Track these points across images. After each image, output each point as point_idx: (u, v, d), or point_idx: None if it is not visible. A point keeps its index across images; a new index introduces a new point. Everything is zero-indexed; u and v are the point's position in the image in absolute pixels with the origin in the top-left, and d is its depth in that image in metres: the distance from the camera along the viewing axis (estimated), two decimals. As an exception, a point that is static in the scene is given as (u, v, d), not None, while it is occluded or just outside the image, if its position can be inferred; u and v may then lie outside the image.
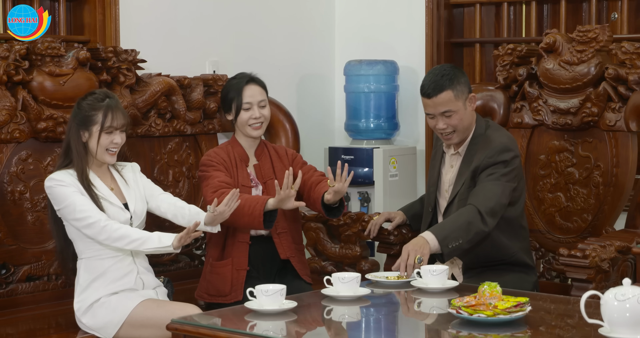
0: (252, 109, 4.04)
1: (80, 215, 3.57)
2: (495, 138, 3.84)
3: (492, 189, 3.74)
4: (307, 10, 5.48)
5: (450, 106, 3.76)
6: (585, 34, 4.21)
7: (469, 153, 3.85)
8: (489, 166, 3.77)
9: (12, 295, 3.93)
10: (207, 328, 3.04)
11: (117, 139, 3.68)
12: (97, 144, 3.65)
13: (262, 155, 4.12)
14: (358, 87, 5.23)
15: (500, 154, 3.78)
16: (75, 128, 3.66)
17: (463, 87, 3.79)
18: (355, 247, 4.49)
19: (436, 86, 3.75)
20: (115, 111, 3.66)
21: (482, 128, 3.88)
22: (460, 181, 3.84)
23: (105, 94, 3.71)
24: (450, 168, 3.91)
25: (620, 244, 3.84)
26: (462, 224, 3.65)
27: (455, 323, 2.99)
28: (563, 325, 3.09)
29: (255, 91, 4.07)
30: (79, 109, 3.68)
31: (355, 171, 5.09)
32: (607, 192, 4.18)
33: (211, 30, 4.96)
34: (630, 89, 4.12)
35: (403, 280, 3.56)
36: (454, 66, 3.94)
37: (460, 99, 3.78)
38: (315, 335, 3.11)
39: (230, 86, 4.10)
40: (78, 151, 3.66)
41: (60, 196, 3.60)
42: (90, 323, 3.63)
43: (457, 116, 3.78)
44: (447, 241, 3.62)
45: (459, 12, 5.35)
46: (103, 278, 3.64)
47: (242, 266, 3.97)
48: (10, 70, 3.90)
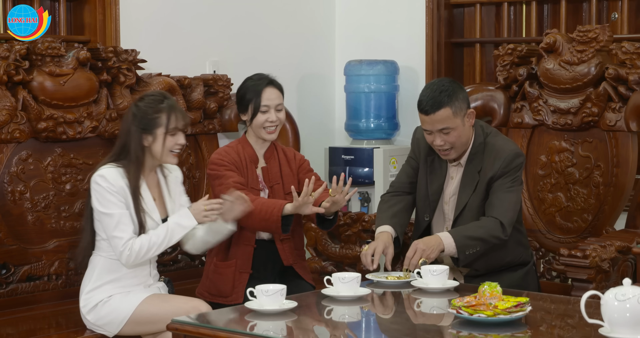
0: (269, 112, 3.98)
1: (115, 232, 3.52)
2: (501, 145, 3.77)
3: (510, 200, 3.71)
4: (308, 10, 5.48)
5: (449, 123, 3.66)
6: (586, 34, 4.21)
7: (470, 162, 3.79)
8: (503, 175, 3.73)
9: (12, 295, 3.93)
10: (207, 328, 3.03)
11: (181, 140, 3.64)
12: (162, 146, 3.60)
13: (271, 158, 4.07)
14: (358, 87, 5.23)
15: (513, 161, 3.73)
16: (138, 132, 3.58)
17: (461, 104, 3.68)
18: (356, 247, 4.49)
19: (434, 103, 3.64)
20: (178, 111, 3.62)
21: (481, 135, 3.79)
22: (466, 191, 3.78)
23: (163, 95, 3.66)
24: (450, 180, 3.86)
25: (620, 244, 3.84)
26: (484, 236, 3.64)
27: (455, 323, 2.99)
28: (563, 325, 3.09)
29: (274, 94, 4.02)
30: (138, 111, 3.60)
31: (355, 171, 5.11)
32: (607, 192, 4.18)
33: (211, 30, 4.96)
34: (631, 89, 4.12)
35: (403, 280, 3.56)
36: (453, 80, 3.83)
37: (459, 116, 3.67)
38: (315, 335, 3.11)
39: (249, 86, 4.03)
40: (137, 156, 3.59)
41: (106, 203, 3.54)
42: (95, 320, 3.63)
43: (455, 133, 3.68)
44: (465, 248, 3.61)
45: (459, 12, 5.35)
46: (117, 282, 3.63)
47: (245, 269, 3.96)
48: (10, 70, 3.90)
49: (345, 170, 5.13)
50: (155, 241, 3.55)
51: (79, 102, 4.11)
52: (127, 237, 3.52)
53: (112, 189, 3.53)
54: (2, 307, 3.87)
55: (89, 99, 4.14)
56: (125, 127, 3.64)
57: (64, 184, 4.10)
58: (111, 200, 3.53)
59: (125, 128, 3.64)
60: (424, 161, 3.90)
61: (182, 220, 3.58)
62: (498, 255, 3.79)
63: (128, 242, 3.52)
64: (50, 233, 4.06)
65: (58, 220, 4.09)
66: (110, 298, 3.61)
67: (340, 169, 5.15)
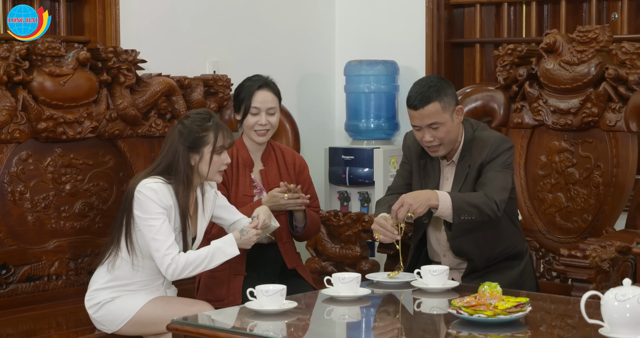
0: (259, 114, 3.96)
1: (164, 246, 3.47)
2: (488, 135, 3.80)
3: (500, 178, 3.70)
4: (308, 10, 5.48)
5: (437, 118, 3.69)
6: (586, 34, 4.21)
7: (462, 159, 3.80)
8: (492, 160, 3.74)
9: (12, 295, 3.93)
10: (207, 328, 3.04)
11: (227, 159, 3.61)
12: (208, 165, 3.57)
13: (269, 160, 4.06)
14: (358, 87, 5.23)
15: (500, 145, 3.75)
16: (185, 151, 3.54)
17: (450, 99, 3.72)
18: (356, 247, 4.49)
19: (423, 98, 3.68)
20: (224, 129, 3.59)
21: (470, 131, 3.82)
22: (457, 185, 3.78)
23: (209, 113, 3.63)
24: (445, 180, 3.85)
25: (620, 244, 3.84)
26: (479, 205, 3.62)
27: (455, 323, 2.99)
28: (563, 325, 3.09)
29: (267, 97, 3.99)
30: (184, 129, 3.56)
31: (355, 171, 5.11)
32: (607, 192, 4.18)
33: (211, 30, 4.96)
34: (631, 89, 4.12)
35: (403, 280, 3.56)
36: (441, 77, 3.88)
37: (447, 111, 3.71)
38: (315, 335, 3.11)
39: (243, 86, 4.03)
40: (187, 176, 3.55)
41: (156, 215, 3.49)
42: (97, 316, 3.63)
43: (444, 128, 3.70)
44: (460, 211, 3.59)
45: (459, 12, 5.35)
46: (128, 286, 3.61)
47: (239, 271, 3.95)
48: (10, 70, 3.89)
49: (346, 170, 5.14)
50: (194, 261, 3.50)
51: (79, 103, 4.11)
52: (175, 252, 3.49)
53: (161, 205, 3.50)
54: (2, 307, 3.87)
55: (89, 99, 4.14)
56: (171, 146, 3.57)
57: (64, 185, 4.10)
58: (162, 212, 3.50)
59: (171, 146, 3.57)
60: (416, 165, 3.92)
61: (226, 247, 3.54)
62: (491, 242, 3.78)
63: (176, 257, 3.48)
64: (50, 233, 4.06)
65: (58, 220, 4.09)
66: (116, 298, 3.61)
67: (341, 170, 5.15)
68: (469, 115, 4.49)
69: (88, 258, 4.15)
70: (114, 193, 4.25)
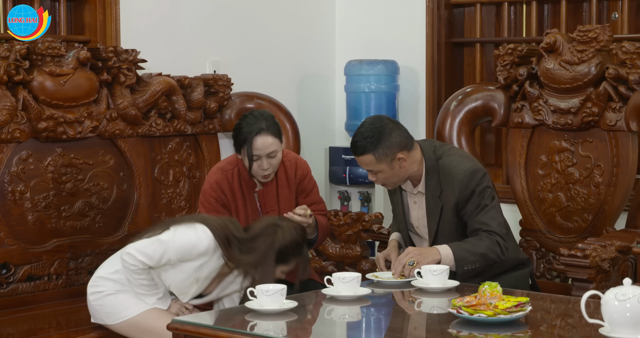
0: (260, 160, 3.83)
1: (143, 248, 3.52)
2: (453, 167, 3.68)
3: (496, 217, 3.66)
4: (308, 10, 5.48)
5: (372, 167, 3.64)
6: (586, 34, 4.20)
7: (429, 189, 3.72)
8: (469, 199, 3.65)
9: (13, 294, 3.93)
10: (208, 328, 3.03)
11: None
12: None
13: (268, 181, 3.94)
14: (358, 87, 5.23)
15: (470, 180, 3.65)
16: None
17: (387, 150, 3.60)
18: (356, 247, 4.49)
19: (357, 148, 3.62)
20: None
21: (432, 160, 3.71)
22: (433, 218, 3.73)
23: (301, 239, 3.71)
24: (414, 204, 3.80)
25: (620, 244, 3.84)
26: (484, 252, 3.60)
27: (455, 323, 2.99)
28: (563, 325, 3.09)
29: (266, 142, 3.81)
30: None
31: (356, 171, 5.11)
32: (607, 192, 4.18)
33: (212, 30, 4.96)
34: (631, 89, 4.12)
35: (403, 280, 3.56)
36: (389, 119, 3.69)
37: (384, 161, 3.61)
38: (315, 335, 3.11)
39: (242, 129, 3.84)
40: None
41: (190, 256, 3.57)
42: (96, 304, 3.61)
43: (382, 175, 3.66)
44: (463, 262, 3.58)
45: (459, 12, 5.35)
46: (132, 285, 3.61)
47: None
48: (10, 70, 3.90)
49: (346, 170, 5.14)
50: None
51: (79, 102, 4.11)
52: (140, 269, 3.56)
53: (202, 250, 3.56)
54: (2, 307, 3.87)
55: (89, 99, 4.14)
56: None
57: (64, 184, 4.10)
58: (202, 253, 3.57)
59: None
60: (386, 190, 3.97)
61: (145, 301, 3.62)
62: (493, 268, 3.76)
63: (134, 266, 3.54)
64: (50, 233, 4.06)
65: (58, 219, 4.09)
66: (120, 293, 3.59)
67: (341, 169, 5.15)
68: (469, 115, 4.50)
69: (88, 257, 4.15)
70: (114, 193, 4.25)
